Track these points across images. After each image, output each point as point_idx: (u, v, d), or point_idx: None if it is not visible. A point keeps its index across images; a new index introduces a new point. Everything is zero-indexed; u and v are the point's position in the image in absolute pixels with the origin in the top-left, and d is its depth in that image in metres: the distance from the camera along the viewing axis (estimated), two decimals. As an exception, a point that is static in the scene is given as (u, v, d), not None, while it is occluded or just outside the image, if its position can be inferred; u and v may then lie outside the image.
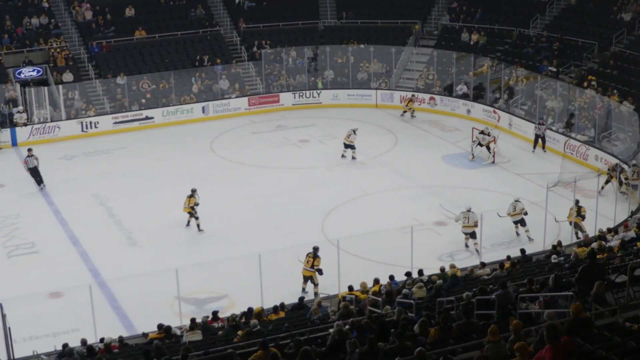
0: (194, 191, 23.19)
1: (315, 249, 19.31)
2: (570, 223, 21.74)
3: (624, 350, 8.89)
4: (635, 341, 9.08)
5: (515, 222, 22.19)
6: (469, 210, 21.51)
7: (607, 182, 24.87)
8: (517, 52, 35.15)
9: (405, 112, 34.01)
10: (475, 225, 21.13)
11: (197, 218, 23.03)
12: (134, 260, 21.32)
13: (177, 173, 27.79)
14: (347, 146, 28.62)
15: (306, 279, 19.41)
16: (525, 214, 22.05)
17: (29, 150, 26.81)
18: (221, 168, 28.45)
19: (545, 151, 29.32)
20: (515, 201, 22.26)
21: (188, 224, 23.19)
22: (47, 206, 25.23)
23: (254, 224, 23.49)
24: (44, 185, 26.45)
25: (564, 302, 11.97)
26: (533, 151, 29.37)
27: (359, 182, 26.57)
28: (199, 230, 23.01)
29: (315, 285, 19.30)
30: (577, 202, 21.96)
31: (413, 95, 34.20)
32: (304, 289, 19.37)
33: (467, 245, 21.67)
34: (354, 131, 28.52)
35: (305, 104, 35.81)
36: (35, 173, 26.54)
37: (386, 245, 20.92)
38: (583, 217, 21.74)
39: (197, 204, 23.01)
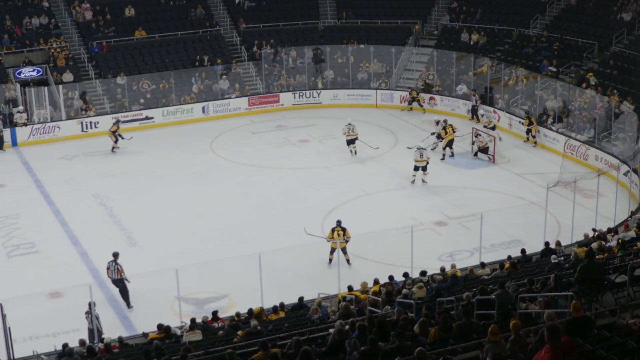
0: (118, 121, 29.99)
1: (339, 222, 20.58)
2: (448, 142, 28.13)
3: (624, 350, 8.89)
4: (635, 341, 9.08)
5: (418, 168, 25.90)
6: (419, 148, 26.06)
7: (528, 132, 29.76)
8: (517, 52, 35.16)
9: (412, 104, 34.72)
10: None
11: (115, 141, 29.45)
12: (134, 260, 21.27)
13: (177, 173, 27.80)
14: (350, 142, 28.93)
15: (333, 250, 20.38)
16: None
17: (115, 255, 19.23)
18: (221, 168, 28.45)
19: (477, 122, 32.11)
20: (420, 148, 26.02)
21: (113, 149, 29.49)
22: (47, 206, 25.23)
23: (254, 223, 23.49)
24: (132, 307, 19.09)
25: (564, 302, 11.97)
26: (471, 119, 32.49)
27: (359, 182, 26.57)
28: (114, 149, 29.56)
29: (346, 253, 20.37)
30: (445, 121, 29.12)
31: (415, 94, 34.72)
32: (330, 260, 20.54)
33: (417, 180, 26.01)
34: (349, 125, 28.99)
35: (305, 104, 35.81)
36: (121, 288, 19.05)
37: (386, 245, 20.92)
38: (454, 131, 28.59)
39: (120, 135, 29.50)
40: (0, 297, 16.08)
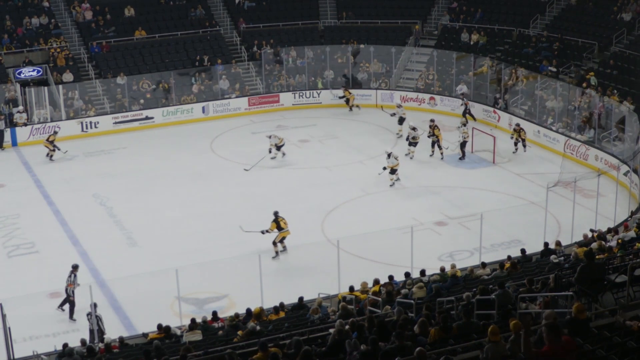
0: (56, 132, 29.72)
1: (277, 212, 21.37)
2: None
3: (624, 350, 8.89)
4: (635, 341, 9.08)
5: (395, 171, 26.00)
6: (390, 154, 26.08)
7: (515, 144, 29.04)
8: (517, 52, 35.16)
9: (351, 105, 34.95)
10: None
11: (52, 150, 28.90)
12: (134, 260, 21.32)
13: (177, 173, 27.80)
14: (278, 148, 28.68)
15: (283, 239, 21.24)
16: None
17: (74, 267, 18.85)
18: (221, 168, 28.45)
19: (475, 120, 32.16)
20: (389, 154, 26.07)
21: (49, 157, 29.03)
22: (47, 206, 25.23)
23: (254, 223, 23.42)
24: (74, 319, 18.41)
25: (563, 302, 11.98)
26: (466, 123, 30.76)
27: (359, 182, 26.57)
28: (51, 158, 29.01)
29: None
30: (432, 120, 29.28)
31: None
32: (277, 252, 21.22)
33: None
34: (270, 137, 28.62)
35: (305, 104, 35.81)
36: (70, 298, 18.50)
37: (386, 245, 20.92)
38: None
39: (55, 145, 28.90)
40: (0, 297, 16.09)
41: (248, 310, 16.24)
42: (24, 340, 16.98)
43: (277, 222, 21.18)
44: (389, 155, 26.10)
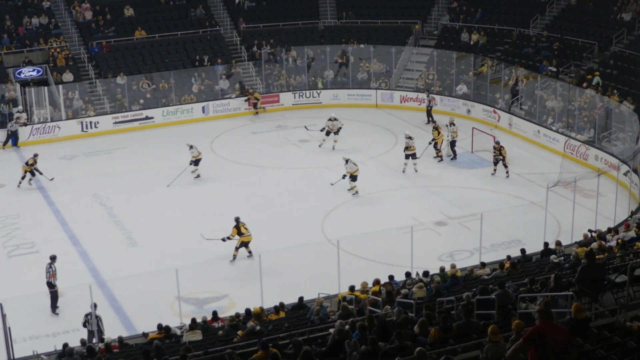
0: (36, 155, 26.94)
1: (239, 218, 21.21)
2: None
3: (624, 350, 8.89)
4: (635, 341, 9.08)
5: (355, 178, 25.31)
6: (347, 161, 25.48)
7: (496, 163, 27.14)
8: (517, 52, 35.16)
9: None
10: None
11: (23, 177, 26.64)
12: (134, 260, 21.32)
13: (177, 173, 27.75)
14: (196, 162, 27.27)
15: (243, 244, 21.06)
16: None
17: (52, 258, 19.11)
18: (221, 168, 28.44)
19: (429, 122, 31.89)
20: (347, 160, 25.44)
21: (29, 180, 26.71)
22: (47, 206, 25.24)
23: (254, 224, 23.40)
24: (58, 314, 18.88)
25: (564, 302, 11.98)
26: (427, 123, 31.95)
27: (359, 182, 26.51)
28: (20, 183, 26.70)
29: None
30: (434, 122, 29.80)
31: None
32: (235, 256, 21.02)
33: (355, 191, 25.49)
34: (191, 147, 27.20)
35: (305, 104, 35.81)
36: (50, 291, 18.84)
37: (386, 245, 20.92)
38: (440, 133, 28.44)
39: (37, 170, 26.65)
40: (0, 297, 16.09)
41: (248, 310, 16.24)
42: (24, 340, 16.98)
43: (238, 228, 21.05)
44: (347, 162, 25.50)
